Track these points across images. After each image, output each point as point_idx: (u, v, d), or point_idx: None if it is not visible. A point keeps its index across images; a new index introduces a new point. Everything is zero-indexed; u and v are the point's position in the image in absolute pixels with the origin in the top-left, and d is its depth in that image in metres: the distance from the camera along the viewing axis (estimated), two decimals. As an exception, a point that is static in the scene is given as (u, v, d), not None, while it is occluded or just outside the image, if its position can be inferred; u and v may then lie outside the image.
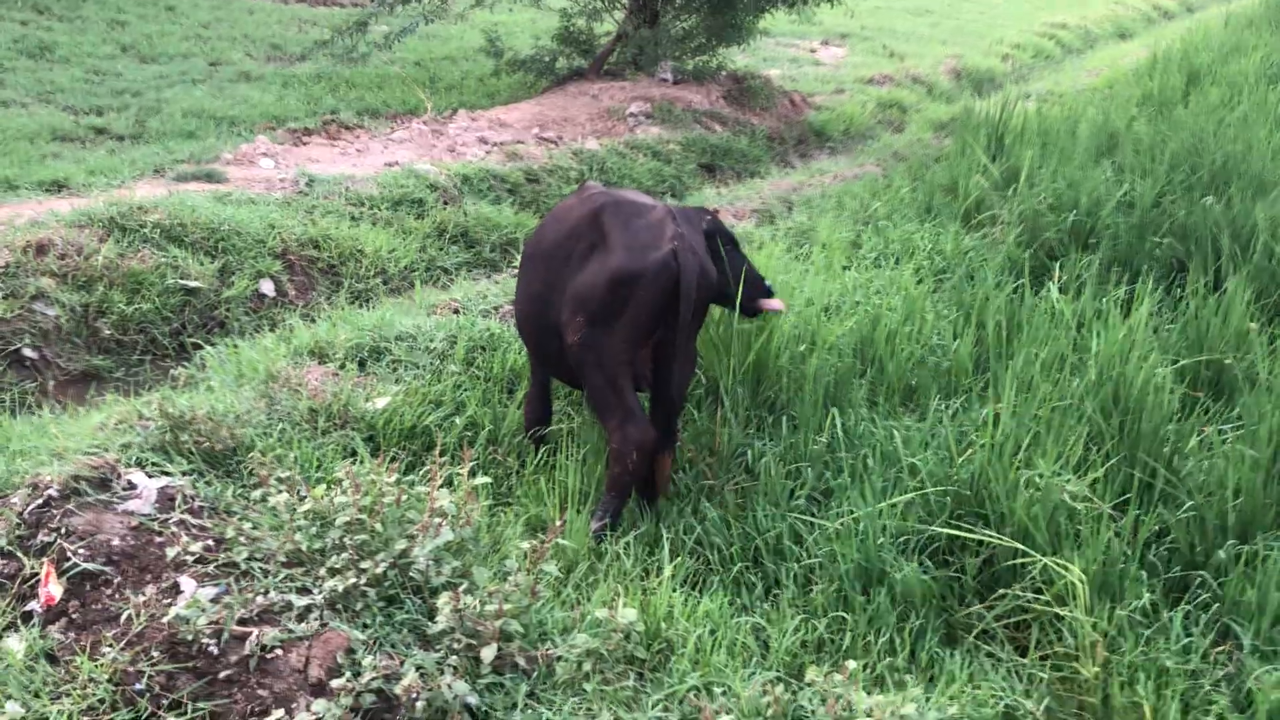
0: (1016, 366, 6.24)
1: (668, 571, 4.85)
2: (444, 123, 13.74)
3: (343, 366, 6.74)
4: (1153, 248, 8.90)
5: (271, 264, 8.74)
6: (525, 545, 4.58)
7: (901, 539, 5.11)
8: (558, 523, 4.89)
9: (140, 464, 5.21)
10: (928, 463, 5.45)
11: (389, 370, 6.70)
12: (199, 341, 7.91)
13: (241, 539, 4.67)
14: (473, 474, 5.06)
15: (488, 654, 4.15)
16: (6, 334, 7.27)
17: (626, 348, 5.22)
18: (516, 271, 5.91)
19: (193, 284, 8.15)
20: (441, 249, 9.77)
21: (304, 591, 4.52)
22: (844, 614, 4.78)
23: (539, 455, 5.91)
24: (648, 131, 13.44)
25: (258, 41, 18.64)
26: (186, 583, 4.59)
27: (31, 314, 7.44)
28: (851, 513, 5.20)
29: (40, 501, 4.90)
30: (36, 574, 4.66)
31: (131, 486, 5.04)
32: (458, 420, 6.11)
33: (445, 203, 10.48)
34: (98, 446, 5.25)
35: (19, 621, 4.55)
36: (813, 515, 5.37)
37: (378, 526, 4.63)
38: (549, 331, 5.46)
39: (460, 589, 4.36)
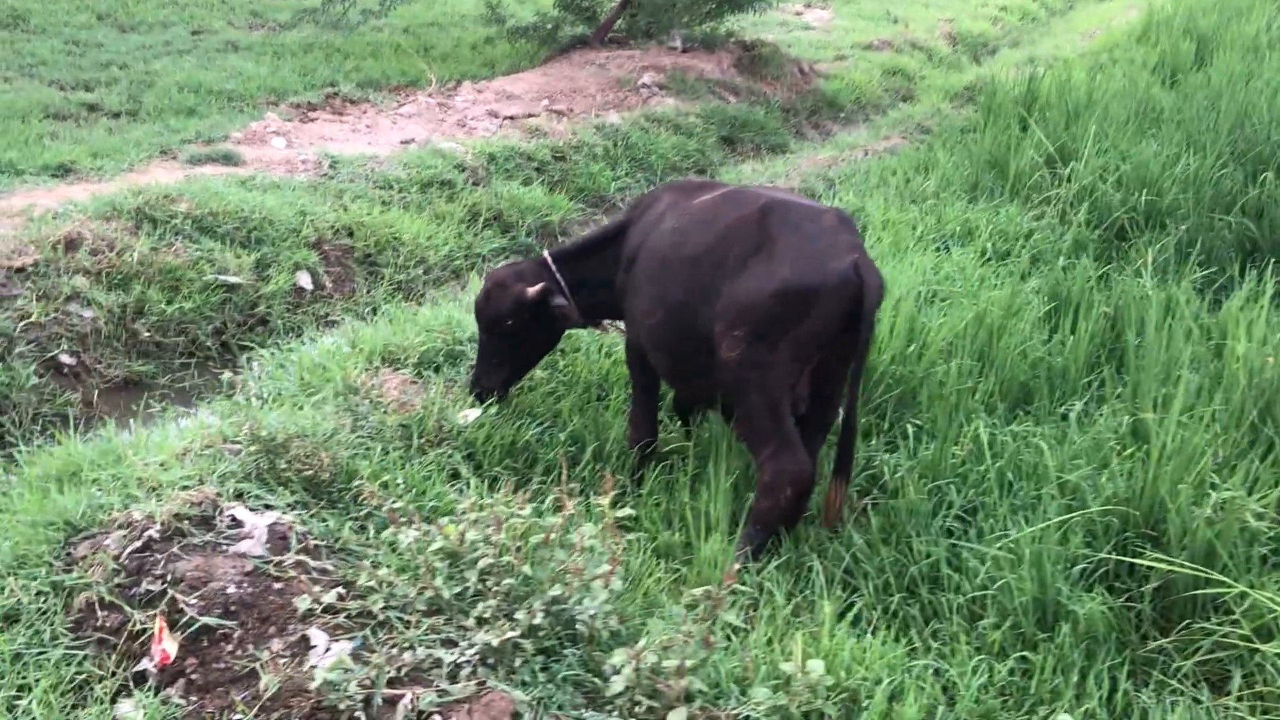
0: (1148, 367, 5.88)
1: (828, 609, 4.46)
2: (450, 95, 13.19)
3: (419, 373, 6.29)
4: (1223, 228, 8.57)
5: (307, 255, 8.24)
6: (697, 591, 4.16)
7: (1071, 565, 4.73)
8: (703, 553, 4.49)
9: (240, 496, 4.74)
10: (1083, 478, 5.09)
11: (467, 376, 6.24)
12: (244, 342, 7.42)
13: (376, 585, 4.22)
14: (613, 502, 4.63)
15: (677, 718, 3.74)
16: (42, 339, 6.75)
17: (794, 368, 4.79)
18: (630, 278, 5.42)
19: (232, 279, 7.64)
20: (477, 235, 9.27)
21: (450, 644, 4.09)
22: (1026, 654, 4.41)
23: (655, 474, 5.48)
24: (663, 103, 12.97)
25: (237, 8, 17.93)
26: (317, 636, 4.14)
27: (67, 316, 6.92)
28: (1008, 535, 4.83)
29: (139, 544, 4.43)
30: (145, 628, 4.20)
31: (236, 524, 4.58)
32: (559, 434, 5.67)
33: (474, 183, 9.98)
34: (192, 477, 4.77)
35: (131, 683, 4.11)
36: (965, 537, 4.99)
37: (526, 569, 4.19)
38: (695, 344, 4.99)
39: (634, 643, 3.95)
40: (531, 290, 5.56)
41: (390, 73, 13.99)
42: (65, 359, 6.76)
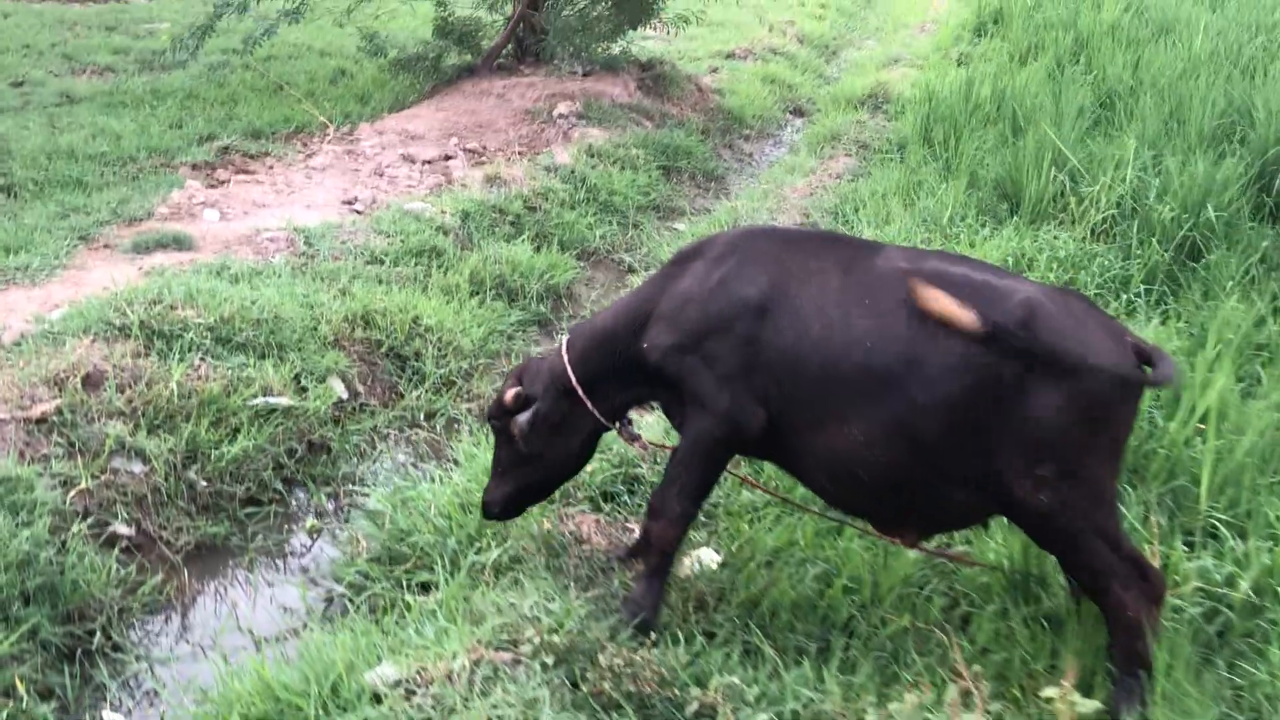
0: None
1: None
2: (351, 140, 11.90)
3: (597, 508, 5.26)
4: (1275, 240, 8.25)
5: (336, 358, 6.99)
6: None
7: None
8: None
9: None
10: None
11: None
12: (309, 476, 6.20)
13: None
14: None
15: None
16: (94, 508, 5.38)
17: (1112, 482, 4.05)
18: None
19: (281, 401, 6.36)
20: (488, 308, 8.15)
21: None
22: None
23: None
24: (587, 134, 11.98)
25: (44, 52, 15.95)
26: None
27: (116, 476, 5.55)
28: None
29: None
30: None
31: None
32: (836, 581, 4.73)
33: (462, 247, 8.84)
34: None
35: None
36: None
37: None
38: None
39: None
40: (509, 395, 4.60)
41: (271, 120, 12.52)
42: (123, 530, 5.41)
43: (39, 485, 5.18)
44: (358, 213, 9.46)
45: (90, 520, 5.30)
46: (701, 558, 4.81)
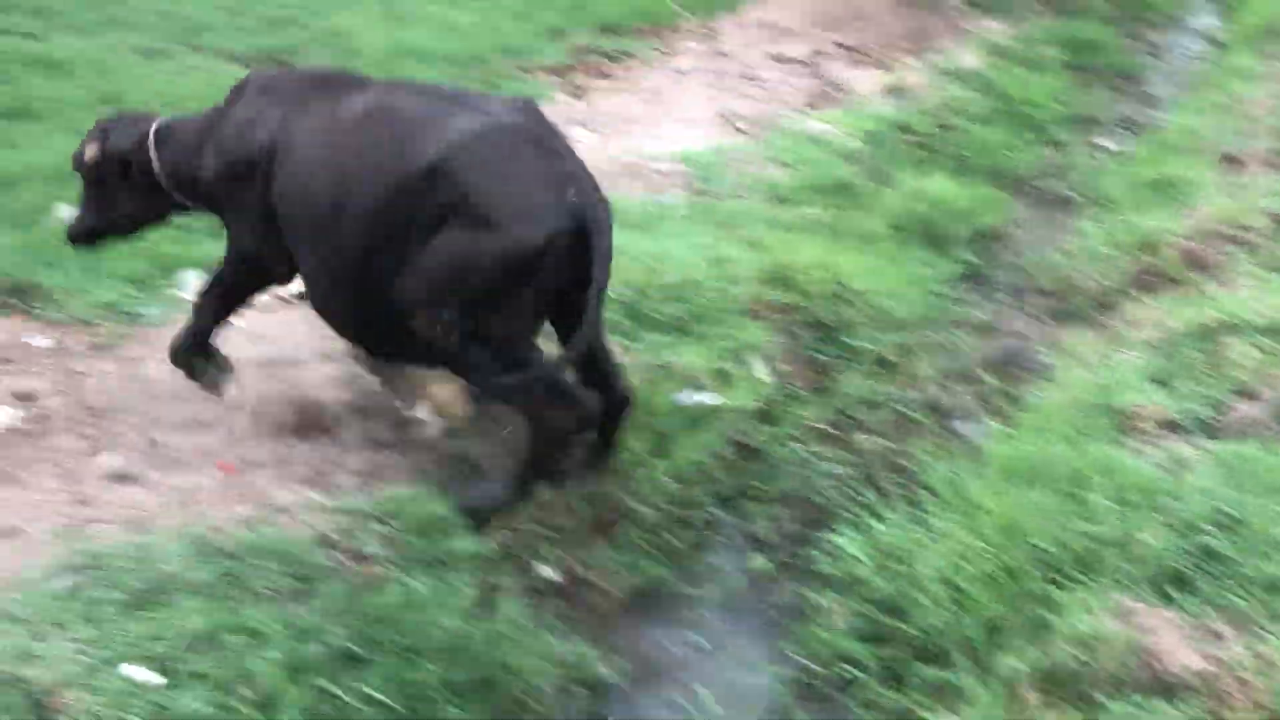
0: None
1: None
2: (712, 36, 10.65)
3: (1164, 597, 3.95)
4: None
5: (755, 331, 5.84)
6: None
7: None
8: None
9: None
10: None
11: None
12: (744, 491, 5.10)
13: None
14: None
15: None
16: (516, 547, 4.42)
17: None
18: None
19: (712, 400, 5.27)
20: (920, 263, 6.84)
21: None
22: None
23: None
24: (982, 26, 10.39)
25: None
26: None
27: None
28: None
29: None
30: None
31: None
32: None
33: (873, 181, 7.52)
34: None
35: None
36: None
37: None
38: None
39: None
40: (88, 154, 4.94)
41: (622, 11, 11.33)
42: (549, 573, 4.45)
43: (456, 525, 4.26)
44: (740, 131, 8.26)
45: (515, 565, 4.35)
46: None
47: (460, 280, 4.05)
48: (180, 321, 4.92)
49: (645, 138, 7.95)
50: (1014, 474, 4.61)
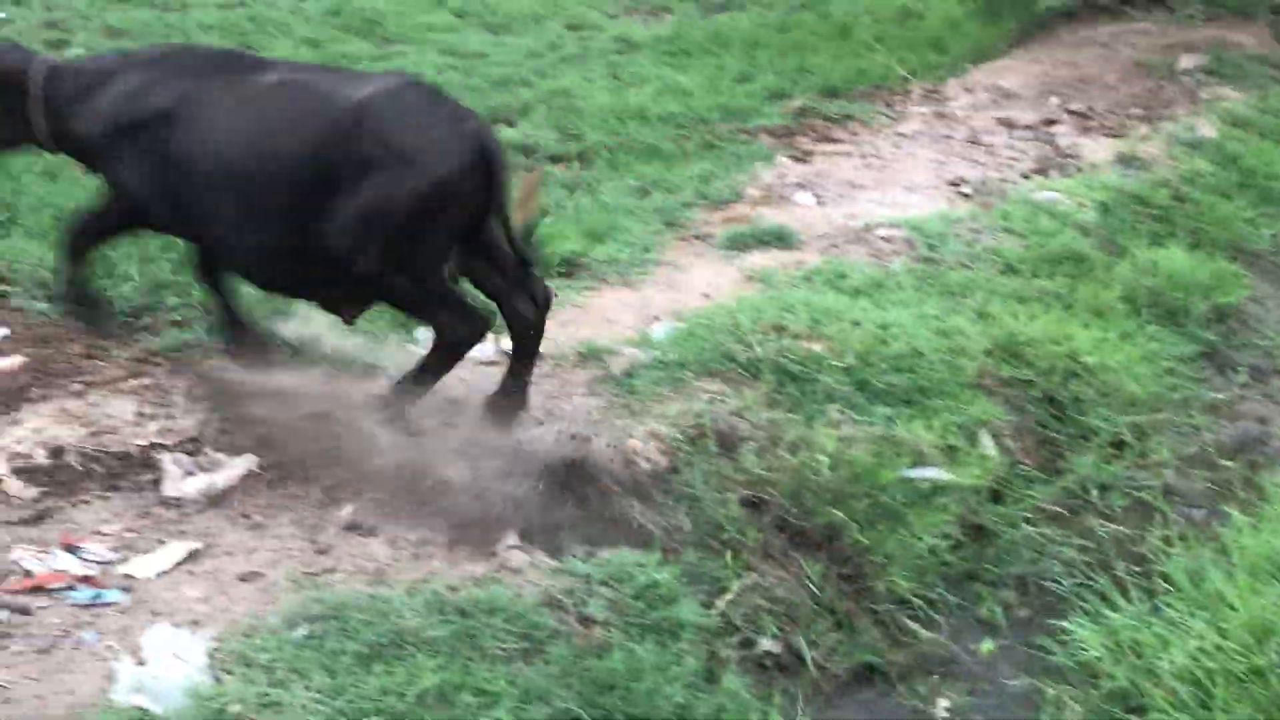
0: None
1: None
2: (938, 99, 10.54)
3: None
4: None
5: (983, 405, 5.73)
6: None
7: None
8: None
9: None
10: None
11: None
12: (972, 574, 4.99)
13: None
14: None
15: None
16: (739, 619, 4.41)
17: None
18: None
19: (939, 475, 5.19)
20: (1155, 339, 6.61)
21: None
22: None
23: None
24: (1220, 94, 10.02)
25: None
26: None
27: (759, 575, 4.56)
28: None
29: None
30: None
31: None
32: None
33: (1106, 252, 7.32)
34: None
35: None
36: None
37: None
38: None
39: None
40: None
41: (844, 73, 11.26)
42: (769, 645, 4.43)
43: (680, 593, 4.26)
44: (965, 196, 8.15)
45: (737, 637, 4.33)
46: None
47: (388, 216, 4.51)
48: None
49: (869, 203, 7.90)
50: (1260, 569, 4.40)
